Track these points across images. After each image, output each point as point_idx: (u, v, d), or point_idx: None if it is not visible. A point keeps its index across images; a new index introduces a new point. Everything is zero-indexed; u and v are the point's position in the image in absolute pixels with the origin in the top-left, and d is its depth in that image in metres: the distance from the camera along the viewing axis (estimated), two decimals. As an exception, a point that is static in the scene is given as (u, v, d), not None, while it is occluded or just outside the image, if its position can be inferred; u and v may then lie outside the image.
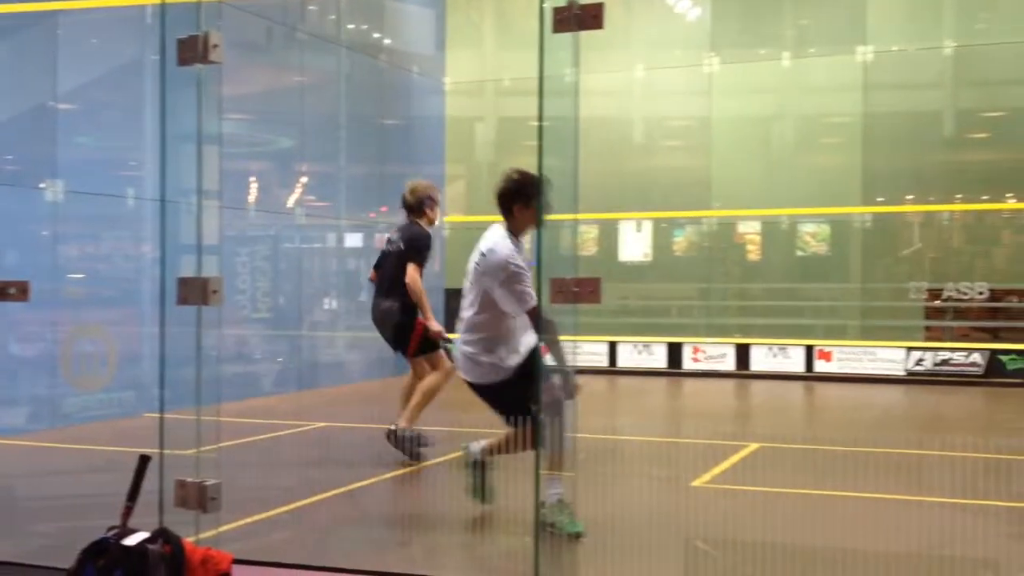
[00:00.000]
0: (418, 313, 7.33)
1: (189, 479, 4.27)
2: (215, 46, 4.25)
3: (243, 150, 12.52)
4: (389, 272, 7.42)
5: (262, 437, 8.78)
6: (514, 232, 5.64)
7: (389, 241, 7.60)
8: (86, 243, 10.50)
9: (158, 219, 7.00)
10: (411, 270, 7.20)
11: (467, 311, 5.63)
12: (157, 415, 4.53)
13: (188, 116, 5.07)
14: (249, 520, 5.71)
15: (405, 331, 7.41)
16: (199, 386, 4.61)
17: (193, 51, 4.25)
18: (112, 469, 6.40)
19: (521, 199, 5.56)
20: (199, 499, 4.24)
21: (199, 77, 4.32)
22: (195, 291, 4.41)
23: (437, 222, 7.97)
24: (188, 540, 3.76)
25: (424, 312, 7.27)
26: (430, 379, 7.39)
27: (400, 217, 7.87)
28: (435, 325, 7.41)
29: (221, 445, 5.69)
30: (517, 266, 5.43)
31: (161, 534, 3.65)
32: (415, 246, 7.32)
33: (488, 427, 6.76)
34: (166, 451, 4.31)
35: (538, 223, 5.02)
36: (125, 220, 10.50)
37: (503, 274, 5.41)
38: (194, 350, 5.50)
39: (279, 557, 5.00)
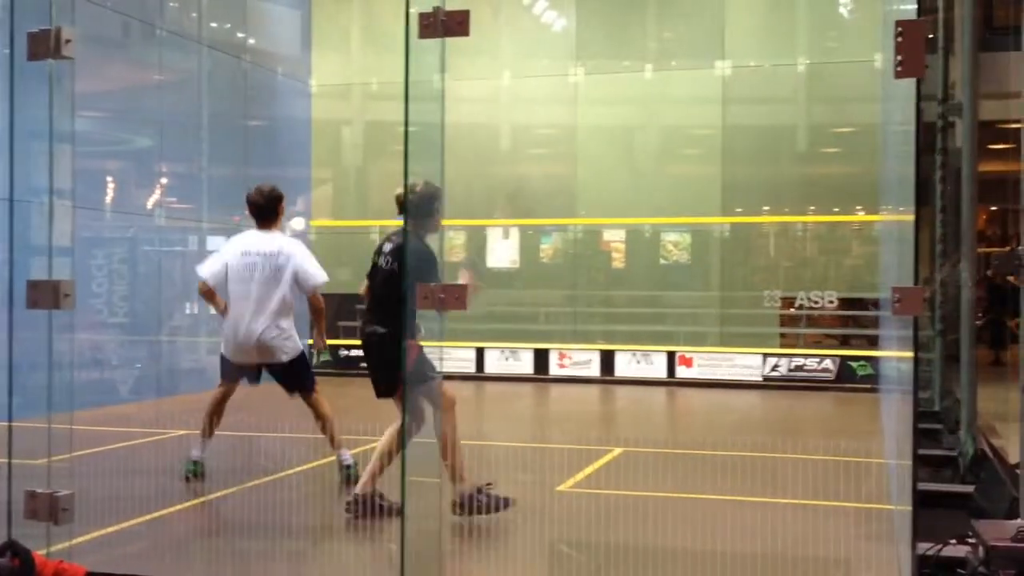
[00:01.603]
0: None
1: (40, 490, 4.10)
2: (68, 41, 4.11)
3: (99, 149, 12.09)
4: (382, 290, 6.15)
5: (118, 446, 8.48)
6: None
7: (379, 252, 6.24)
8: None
9: (5, 219, 6.69)
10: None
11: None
12: (4, 423, 4.33)
13: (39, 112, 4.87)
14: (104, 532, 5.51)
15: (391, 362, 6.00)
16: (51, 393, 4.44)
17: (44, 46, 4.10)
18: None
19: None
20: (51, 510, 4.08)
21: (51, 72, 4.16)
22: (46, 294, 4.24)
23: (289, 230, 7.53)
24: (39, 553, 3.61)
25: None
26: (445, 427, 5.95)
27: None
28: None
29: (74, 454, 5.49)
30: None
31: (9, 547, 3.51)
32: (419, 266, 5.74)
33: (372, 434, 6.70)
34: (15, 460, 4.12)
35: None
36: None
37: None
38: (45, 355, 5.29)
39: (135, 570, 4.84)
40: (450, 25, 3.76)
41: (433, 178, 4.80)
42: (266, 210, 6.98)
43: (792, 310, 14.45)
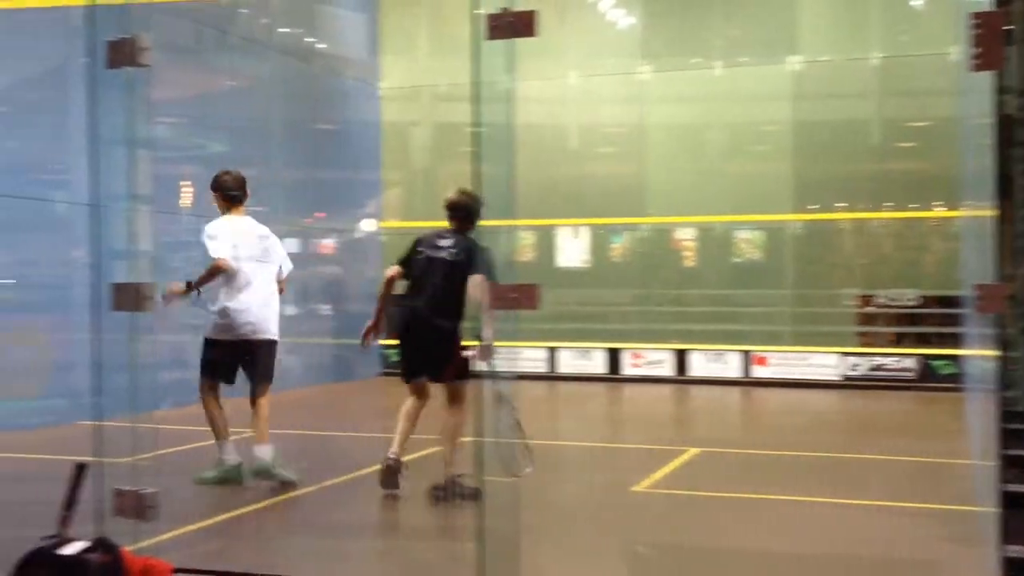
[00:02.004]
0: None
1: (126, 488, 4.18)
2: (145, 49, 4.18)
3: (174, 154, 12.30)
4: (440, 283, 6.47)
5: (201, 444, 8.62)
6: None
7: (436, 247, 6.59)
8: (14, 248, 10.23)
9: (89, 224, 6.81)
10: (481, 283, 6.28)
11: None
12: (90, 423, 4.42)
13: (118, 119, 4.97)
14: (188, 528, 5.61)
15: (451, 353, 6.50)
16: (134, 393, 4.51)
17: (123, 54, 4.18)
18: (45, 478, 6.21)
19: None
20: (137, 508, 4.16)
21: (129, 80, 4.24)
22: (128, 297, 4.31)
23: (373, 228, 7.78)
24: (127, 549, 3.67)
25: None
26: (454, 422, 6.52)
27: (341, 221, 7.67)
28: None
29: (159, 452, 5.57)
30: None
31: (100, 543, 3.57)
32: (486, 259, 6.30)
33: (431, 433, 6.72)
34: (104, 459, 4.21)
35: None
36: (54, 224, 10.25)
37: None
38: (128, 357, 5.39)
39: (219, 566, 4.91)
40: (518, 26, 3.75)
41: (503, 179, 4.80)
42: (243, 194, 7.19)
43: (870, 308, 14.20)
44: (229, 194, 7.13)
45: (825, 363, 14.03)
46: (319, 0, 15.48)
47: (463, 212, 6.55)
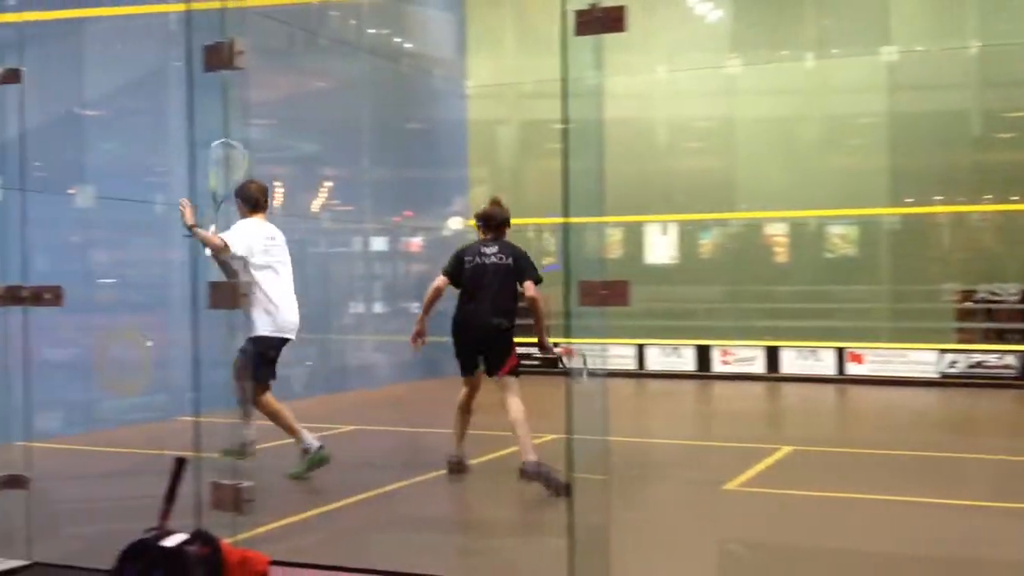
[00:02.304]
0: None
1: (224, 481, 4.26)
2: (240, 52, 4.24)
3: (267, 155, 12.55)
4: (495, 287, 7.05)
5: (294, 440, 8.78)
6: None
7: (482, 254, 7.12)
8: (116, 248, 10.54)
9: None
10: (535, 288, 7.01)
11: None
12: (190, 418, 4.52)
13: (214, 122, 5.08)
14: (284, 522, 5.71)
15: (509, 350, 7.04)
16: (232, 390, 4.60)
17: (219, 57, 4.24)
18: (148, 472, 6.40)
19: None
20: (235, 501, 4.23)
21: (224, 83, 4.31)
22: (225, 295, 4.39)
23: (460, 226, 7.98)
24: (226, 541, 3.75)
25: (541, 329, 7.08)
26: (518, 408, 6.88)
27: (428, 220, 7.79)
28: (548, 342, 7.24)
29: (256, 447, 5.68)
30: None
31: (199, 536, 3.64)
32: (531, 263, 7.20)
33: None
34: (201, 454, 4.30)
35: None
36: (154, 225, 10.53)
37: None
38: (224, 354, 5.51)
39: (314, 559, 4.99)
40: (606, 21, 3.71)
41: (591, 175, 4.78)
42: (265, 201, 7.29)
43: (970, 304, 13.82)
44: (257, 200, 7.19)
45: (923, 360, 13.69)
46: (407, 0, 15.63)
47: (497, 221, 7.27)
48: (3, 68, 4.93)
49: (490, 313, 7.02)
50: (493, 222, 7.24)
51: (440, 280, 7.20)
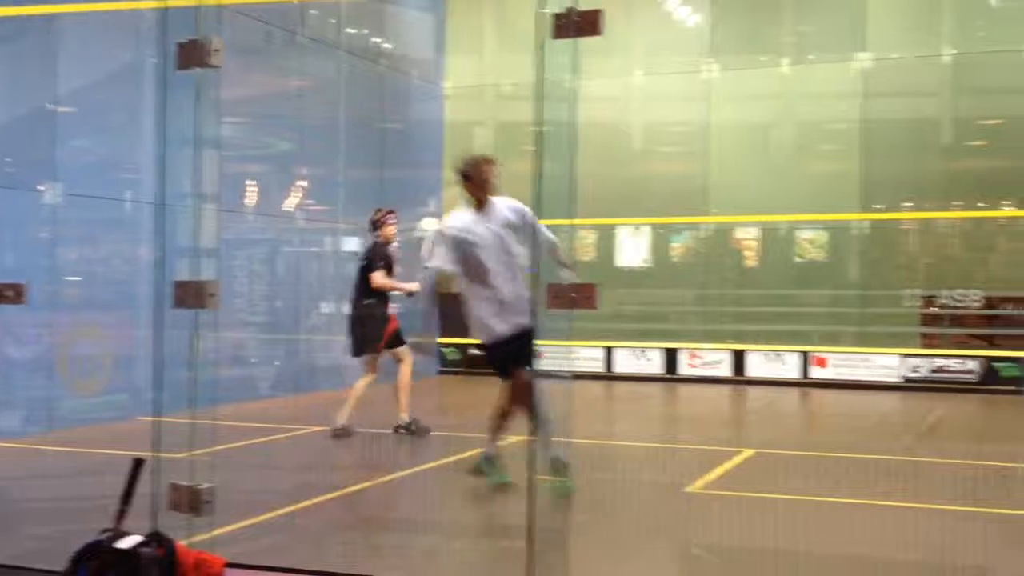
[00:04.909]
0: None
1: (183, 483, 4.26)
2: (216, 50, 4.25)
3: (242, 153, 12.52)
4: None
5: (257, 440, 8.78)
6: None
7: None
8: (84, 246, 10.50)
9: (156, 222, 6.97)
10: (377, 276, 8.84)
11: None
12: (151, 418, 4.52)
13: (187, 120, 5.08)
14: (243, 524, 5.71)
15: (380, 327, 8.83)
16: (194, 389, 4.61)
17: (193, 55, 4.25)
18: (106, 472, 6.41)
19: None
20: (192, 503, 4.24)
21: (198, 81, 4.32)
22: (192, 294, 4.40)
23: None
24: (181, 543, 3.76)
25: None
26: (404, 372, 8.82)
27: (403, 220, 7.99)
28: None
29: (216, 448, 5.69)
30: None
31: (154, 537, 3.65)
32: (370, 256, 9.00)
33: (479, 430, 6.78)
34: (161, 454, 4.31)
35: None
36: (123, 223, 10.50)
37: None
38: (189, 353, 5.51)
39: (273, 561, 4.99)
40: (583, 25, 3.74)
41: (564, 178, 4.82)
42: None
43: (934, 309, 13.95)
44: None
45: (886, 364, 13.81)
46: (386, 0, 15.62)
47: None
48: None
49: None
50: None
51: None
